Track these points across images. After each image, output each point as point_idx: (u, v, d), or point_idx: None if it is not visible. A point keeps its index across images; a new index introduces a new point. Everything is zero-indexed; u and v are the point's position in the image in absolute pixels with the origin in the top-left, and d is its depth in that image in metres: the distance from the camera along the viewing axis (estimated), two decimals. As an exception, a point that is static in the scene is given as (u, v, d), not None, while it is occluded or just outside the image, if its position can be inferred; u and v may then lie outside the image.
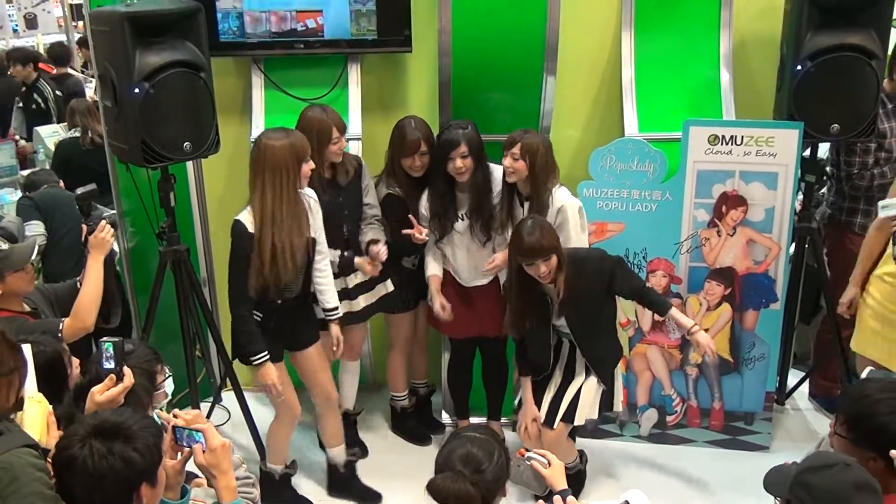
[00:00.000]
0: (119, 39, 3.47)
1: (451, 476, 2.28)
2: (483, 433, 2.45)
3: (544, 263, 3.43)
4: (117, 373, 2.45)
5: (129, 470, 2.03)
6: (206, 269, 4.63)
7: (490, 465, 2.32)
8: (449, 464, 2.33)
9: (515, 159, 3.68)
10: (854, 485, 2.02)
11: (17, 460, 2.08)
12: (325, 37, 4.16)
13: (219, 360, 4.39)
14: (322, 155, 3.70)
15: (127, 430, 2.06)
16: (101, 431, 2.05)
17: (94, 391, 2.42)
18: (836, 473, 2.05)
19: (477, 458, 2.31)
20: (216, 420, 4.56)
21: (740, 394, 4.28)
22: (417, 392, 4.51)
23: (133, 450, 2.03)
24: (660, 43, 4.28)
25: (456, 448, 2.36)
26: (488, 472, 2.31)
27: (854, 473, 2.06)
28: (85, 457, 2.02)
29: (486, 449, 2.35)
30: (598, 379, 3.74)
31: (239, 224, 3.45)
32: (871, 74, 3.83)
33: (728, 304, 4.15)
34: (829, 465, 2.08)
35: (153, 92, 3.52)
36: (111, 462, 2.00)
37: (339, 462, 4.01)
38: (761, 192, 3.99)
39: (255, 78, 4.30)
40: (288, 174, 3.38)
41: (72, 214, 4.64)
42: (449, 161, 3.75)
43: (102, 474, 2.01)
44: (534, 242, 3.41)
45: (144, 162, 3.63)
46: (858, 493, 2.01)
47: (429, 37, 4.10)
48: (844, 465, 2.07)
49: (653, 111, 4.23)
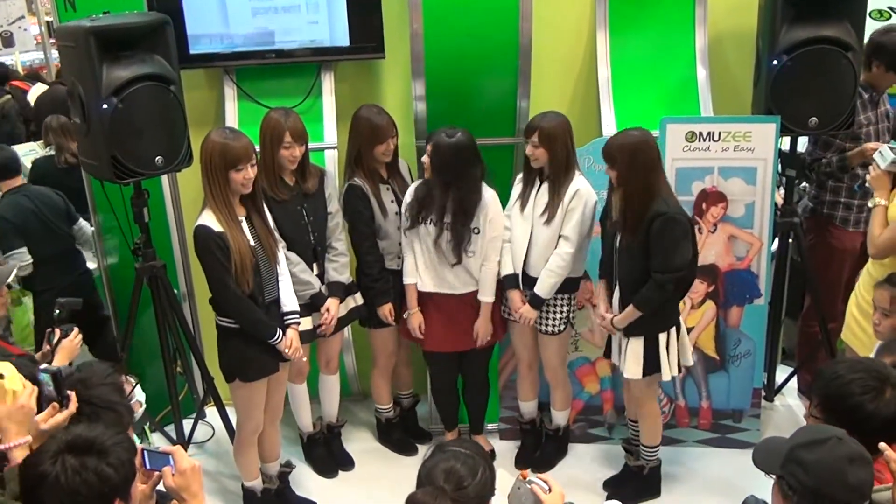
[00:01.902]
0: (85, 54, 3.43)
1: (431, 492, 2.21)
2: (468, 448, 2.37)
3: (609, 169, 3.50)
4: (59, 400, 2.39)
5: (104, 485, 1.99)
6: (186, 284, 4.58)
7: (473, 481, 2.24)
8: (431, 478, 2.25)
9: (536, 146, 3.69)
10: (848, 458, 2.00)
11: None
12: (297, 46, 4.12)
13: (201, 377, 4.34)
14: (275, 158, 3.66)
15: (101, 446, 2.02)
16: (74, 447, 2.01)
17: (38, 420, 2.36)
18: (830, 448, 2.02)
19: (459, 475, 2.24)
20: (200, 437, 4.51)
21: (727, 392, 4.25)
22: (401, 403, 4.46)
23: (107, 464, 1.99)
24: (635, 41, 4.26)
25: (439, 462, 2.29)
26: (471, 489, 2.23)
27: (847, 446, 2.03)
28: (57, 473, 1.98)
29: (470, 465, 2.27)
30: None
31: (202, 228, 3.36)
32: (848, 66, 3.82)
33: (712, 302, 4.12)
34: (822, 441, 2.04)
35: (122, 106, 3.48)
36: (85, 477, 1.97)
37: (272, 474, 3.94)
38: (740, 188, 3.97)
39: (227, 89, 4.26)
40: (216, 176, 3.34)
41: (52, 216, 4.61)
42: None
43: (76, 490, 1.97)
44: (608, 142, 3.50)
45: (115, 178, 3.59)
46: (852, 466, 1.99)
47: (401, 42, 4.05)
48: (837, 440, 2.04)
49: (630, 110, 4.20)
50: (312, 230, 3.80)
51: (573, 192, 3.72)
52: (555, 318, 3.90)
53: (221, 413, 4.21)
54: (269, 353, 3.54)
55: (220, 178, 3.34)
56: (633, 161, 3.43)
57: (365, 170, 3.87)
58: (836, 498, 1.99)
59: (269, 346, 3.52)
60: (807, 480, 2.00)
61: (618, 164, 3.45)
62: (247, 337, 3.49)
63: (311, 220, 3.79)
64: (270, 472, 3.92)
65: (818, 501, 1.99)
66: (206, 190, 3.38)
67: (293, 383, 4.05)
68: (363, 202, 3.87)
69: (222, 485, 4.17)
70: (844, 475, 1.98)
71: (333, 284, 3.88)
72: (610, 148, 3.48)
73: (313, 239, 3.82)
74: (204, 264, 3.44)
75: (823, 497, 1.99)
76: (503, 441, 4.37)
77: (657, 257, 3.46)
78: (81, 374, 2.49)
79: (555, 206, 3.73)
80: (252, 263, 3.40)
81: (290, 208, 3.73)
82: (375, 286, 3.96)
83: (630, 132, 3.50)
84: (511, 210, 3.86)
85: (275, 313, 3.57)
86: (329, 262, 3.88)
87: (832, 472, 1.99)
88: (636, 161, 3.43)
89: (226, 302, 3.45)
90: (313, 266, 3.84)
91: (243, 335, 3.49)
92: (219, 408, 4.22)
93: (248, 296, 3.42)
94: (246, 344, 3.51)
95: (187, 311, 4.48)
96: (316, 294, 3.82)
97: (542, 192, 3.78)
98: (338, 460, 4.29)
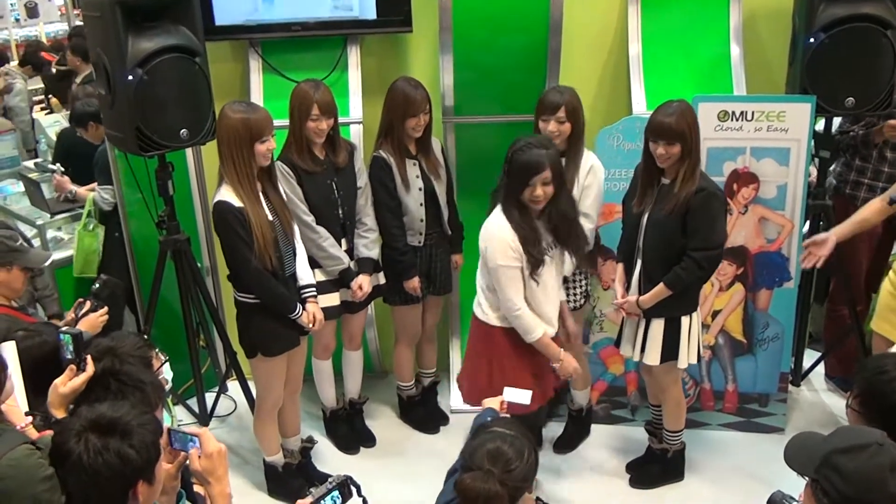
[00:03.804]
0: (110, 25, 3.40)
1: (480, 476, 2.19)
2: (513, 429, 2.34)
3: (664, 146, 3.32)
4: (77, 363, 2.39)
5: (125, 467, 1.96)
6: (209, 258, 4.57)
7: (520, 463, 2.23)
8: (475, 459, 2.23)
9: (561, 122, 3.57)
10: (890, 467, 1.90)
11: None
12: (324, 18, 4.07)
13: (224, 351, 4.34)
14: (302, 130, 3.63)
15: (125, 426, 1.99)
16: (98, 426, 1.99)
17: (57, 383, 2.38)
18: (871, 456, 1.91)
19: (507, 456, 2.22)
20: (222, 410, 4.52)
21: (754, 375, 4.19)
22: (422, 381, 4.44)
23: (129, 446, 1.97)
24: (667, 17, 4.17)
25: (485, 443, 2.27)
26: (517, 471, 2.21)
27: (888, 454, 1.93)
28: (80, 452, 1.96)
29: (517, 447, 2.25)
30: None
31: (222, 204, 3.34)
32: (887, 45, 3.74)
33: (741, 284, 4.05)
34: (862, 447, 1.93)
35: (147, 78, 3.46)
36: (106, 458, 1.94)
37: (293, 449, 3.94)
38: (773, 169, 3.89)
39: (252, 62, 4.22)
40: (240, 149, 3.31)
41: None
42: (527, 188, 3.22)
43: (97, 470, 1.95)
44: (664, 122, 3.30)
45: (140, 150, 3.57)
46: (894, 475, 1.89)
47: (429, 16, 4.00)
48: (878, 446, 1.94)
49: (661, 88, 4.12)
50: (342, 204, 3.77)
51: (588, 168, 3.65)
52: (574, 293, 3.86)
53: (244, 387, 4.21)
54: (290, 327, 3.53)
55: (245, 152, 3.31)
56: (697, 133, 3.34)
57: (394, 142, 3.83)
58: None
59: (289, 321, 3.50)
60: (844, 489, 1.90)
61: (686, 138, 3.31)
62: (267, 312, 3.48)
63: (341, 194, 3.76)
64: (291, 447, 3.92)
65: None
66: (227, 166, 3.35)
67: (318, 359, 4.04)
68: (386, 173, 3.83)
69: (244, 458, 4.18)
70: (885, 484, 1.89)
71: (364, 260, 3.85)
72: (673, 124, 3.28)
73: (342, 213, 3.79)
74: (224, 241, 3.42)
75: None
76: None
77: (698, 234, 3.37)
78: (112, 343, 2.48)
79: (570, 181, 3.63)
80: (273, 238, 3.38)
81: (321, 181, 3.70)
82: (403, 259, 3.93)
83: (679, 105, 3.35)
84: None
85: (293, 287, 3.55)
86: (359, 237, 3.85)
87: (872, 482, 1.89)
88: (698, 133, 3.35)
89: (248, 278, 3.43)
90: (341, 242, 3.81)
91: (264, 311, 3.48)
92: (241, 382, 4.22)
93: (271, 271, 3.40)
94: (266, 319, 3.49)
95: (210, 285, 4.47)
96: (345, 270, 3.80)
97: None
98: (360, 436, 4.28)
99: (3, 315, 3.22)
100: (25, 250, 3.39)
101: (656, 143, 3.34)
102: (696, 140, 3.35)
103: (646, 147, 3.42)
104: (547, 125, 3.59)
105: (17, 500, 2.05)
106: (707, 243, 3.39)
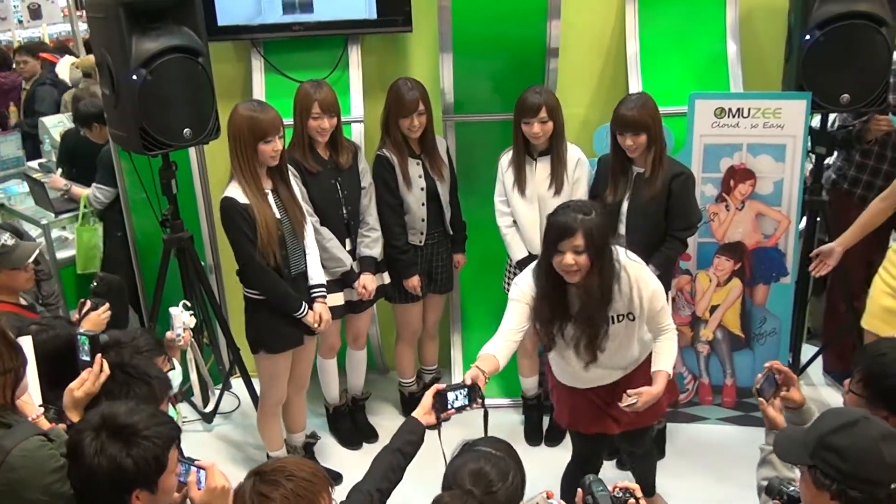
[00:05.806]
0: (114, 26, 3.45)
1: (458, 495, 2.11)
2: (499, 449, 2.25)
3: (631, 138, 3.46)
4: (91, 365, 2.41)
5: (118, 474, 2.02)
6: (212, 256, 4.61)
7: (503, 485, 2.13)
8: (458, 479, 2.15)
9: (544, 122, 3.66)
10: (880, 437, 1.95)
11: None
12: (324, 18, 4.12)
13: (227, 348, 4.38)
14: (304, 130, 3.68)
15: (130, 435, 2.04)
16: (110, 427, 2.05)
17: (72, 387, 2.39)
18: (861, 430, 1.96)
19: (489, 478, 2.13)
20: (225, 407, 4.57)
21: (752, 370, 4.22)
22: (424, 377, 4.48)
23: (127, 455, 2.02)
24: (665, 15, 4.21)
25: (467, 462, 2.18)
26: (500, 494, 2.12)
27: (876, 425, 1.99)
28: (85, 447, 2.03)
29: (500, 468, 2.16)
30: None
31: (228, 200, 3.38)
32: (882, 42, 3.76)
33: (738, 280, 4.09)
34: (851, 423, 1.99)
35: (151, 78, 3.50)
36: (101, 461, 2.01)
37: (297, 445, 3.99)
38: (769, 165, 3.93)
39: (254, 62, 4.26)
40: (245, 148, 3.35)
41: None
42: (556, 254, 2.84)
43: (94, 470, 2.03)
44: (627, 115, 3.46)
45: (144, 149, 3.62)
46: (885, 443, 1.94)
47: (429, 16, 4.04)
48: (865, 419, 2.00)
49: (658, 85, 4.15)
50: (346, 204, 3.81)
51: (575, 161, 3.76)
52: None
53: (247, 384, 4.25)
54: (295, 325, 3.57)
55: (249, 151, 3.35)
56: (659, 122, 3.50)
57: (393, 140, 3.88)
58: (875, 478, 1.92)
59: (296, 319, 3.54)
60: (843, 466, 1.94)
61: (650, 128, 3.46)
62: (272, 309, 3.52)
63: (344, 194, 3.80)
64: (295, 443, 3.97)
65: (857, 486, 1.92)
66: (233, 162, 3.41)
67: (324, 358, 4.09)
68: (389, 171, 3.88)
69: (247, 455, 4.22)
70: (880, 454, 1.93)
71: (365, 259, 3.89)
72: (637, 116, 3.45)
73: (346, 213, 3.82)
74: (229, 236, 3.46)
75: (863, 480, 1.92)
76: (507, 415, 4.36)
77: (681, 216, 3.57)
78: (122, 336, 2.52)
79: (560, 177, 3.73)
80: (278, 236, 3.42)
81: (324, 181, 3.74)
82: (403, 258, 3.97)
83: (639, 97, 3.55)
84: (510, 195, 3.83)
85: (302, 286, 3.58)
86: (361, 237, 3.89)
87: (868, 453, 1.94)
88: (660, 121, 3.51)
89: (251, 274, 3.48)
90: (345, 242, 3.85)
91: (270, 307, 3.52)
92: (245, 379, 4.26)
93: (274, 268, 3.44)
94: (272, 316, 3.53)
95: (213, 282, 4.52)
96: (347, 272, 3.84)
97: (538, 170, 3.77)
98: (362, 432, 4.32)
99: (11, 314, 3.25)
100: (8, 251, 3.39)
101: (623, 135, 3.50)
102: (659, 128, 3.52)
103: (613, 140, 3.58)
104: (531, 127, 3.66)
105: (28, 490, 2.09)
106: (689, 222, 3.63)
